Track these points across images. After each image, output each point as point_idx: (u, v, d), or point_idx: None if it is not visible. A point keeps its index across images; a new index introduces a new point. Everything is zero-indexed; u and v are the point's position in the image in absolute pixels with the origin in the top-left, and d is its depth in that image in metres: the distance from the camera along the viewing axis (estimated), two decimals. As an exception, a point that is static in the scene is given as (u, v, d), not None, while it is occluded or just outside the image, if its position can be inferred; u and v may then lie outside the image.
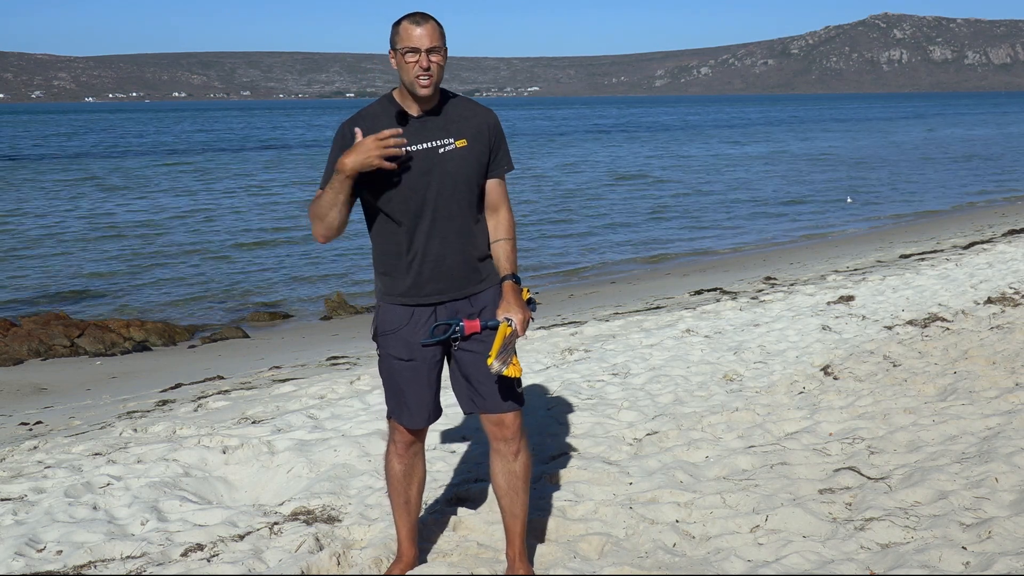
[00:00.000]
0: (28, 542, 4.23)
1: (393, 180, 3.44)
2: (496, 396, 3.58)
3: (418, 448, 3.79)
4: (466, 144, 3.50)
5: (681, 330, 8.64)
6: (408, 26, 3.39)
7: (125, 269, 18.01)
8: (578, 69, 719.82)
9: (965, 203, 25.89)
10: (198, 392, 8.02)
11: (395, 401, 3.67)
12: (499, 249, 3.60)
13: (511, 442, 3.64)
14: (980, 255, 12.86)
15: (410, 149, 3.43)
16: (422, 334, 3.55)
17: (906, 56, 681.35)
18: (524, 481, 3.71)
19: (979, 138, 59.62)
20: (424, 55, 3.36)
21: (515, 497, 3.71)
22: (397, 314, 3.58)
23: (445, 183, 3.47)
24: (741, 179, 34.63)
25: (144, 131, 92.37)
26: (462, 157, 3.49)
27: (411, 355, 3.58)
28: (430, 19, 3.41)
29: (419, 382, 3.61)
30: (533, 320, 3.75)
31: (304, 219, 24.77)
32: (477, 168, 3.53)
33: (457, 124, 3.51)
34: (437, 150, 3.46)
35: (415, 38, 3.37)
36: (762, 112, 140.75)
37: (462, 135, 3.50)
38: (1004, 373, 6.52)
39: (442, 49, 3.41)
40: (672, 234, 21.52)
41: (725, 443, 5.40)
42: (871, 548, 3.91)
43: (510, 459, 3.66)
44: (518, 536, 3.77)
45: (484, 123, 3.56)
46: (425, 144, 3.45)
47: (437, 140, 3.47)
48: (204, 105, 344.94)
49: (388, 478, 3.82)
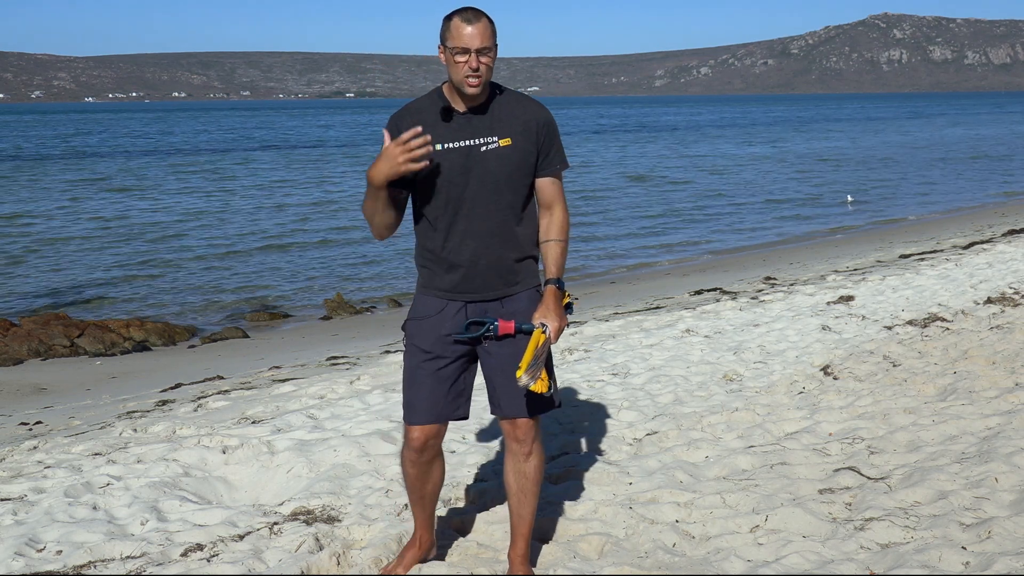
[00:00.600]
0: (28, 542, 4.23)
1: (432, 177, 3.42)
2: (513, 402, 3.55)
3: (431, 455, 3.69)
4: (511, 143, 3.44)
5: (681, 330, 8.64)
6: (459, 24, 3.31)
7: (126, 269, 18.01)
8: (578, 69, 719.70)
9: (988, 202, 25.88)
10: (198, 392, 8.02)
11: (407, 396, 3.63)
12: (548, 250, 3.55)
13: (523, 443, 3.61)
14: (980, 255, 12.86)
15: (451, 146, 3.40)
16: (450, 327, 3.52)
17: (906, 56, 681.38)
18: (534, 483, 3.68)
19: (989, 137, 59.58)
20: (474, 55, 3.30)
21: (523, 498, 3.69)
22: (430, 304, 3.56)
23: (485, 182, 3.42)
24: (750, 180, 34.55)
25: (147, 131, 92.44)
26: (505, 156, 3.43)
27: (432, 348, 3.56)
28: (482, 17, 3.33)
29: (434, 377, 3.57)
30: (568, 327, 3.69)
31: (310, 220, 24.80)
32: (521, 167, 3.46)
33: (504, 122, 3.45)
34: (479, 147, 3.41)
35: (466, 37, 3.29)
36: (766, 111, 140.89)
37: (507, 133, 3.44)
38: (1004, 373, 6.52)
39: (493, 49, 3.34)
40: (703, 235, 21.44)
41: (725, 443, 5.40)
42: (871, 548, 3.91)
43: (521, 460, 3.64)
44: (522, 538, 3.75)
45: (533, 120, 3.48)
46: (467, 141, 3.41)
47: (480, 138, 3.42)
48: (207, 105, 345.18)
49: (403, 476, 3.79)
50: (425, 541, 3.89)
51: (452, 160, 3.41)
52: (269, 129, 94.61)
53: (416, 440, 3.64)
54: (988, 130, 69.91)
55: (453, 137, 3.41)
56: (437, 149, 3.40)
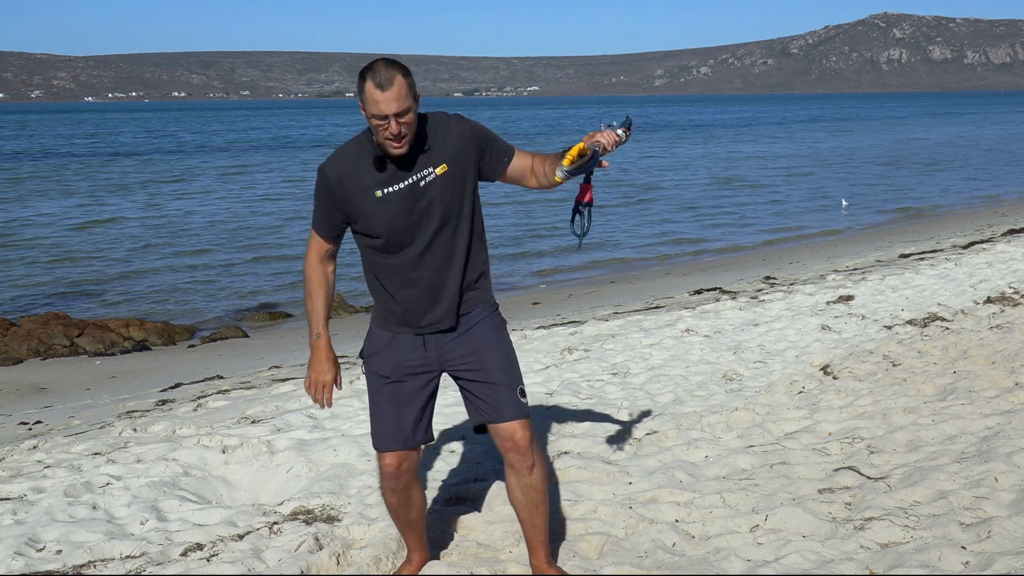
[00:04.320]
0: (28, 542, 4.23)
1: (377, 221, 3.40)
2: (501, 406, 3.53)
3: (407, 480, 3.66)
4: (447, 168, 3.41)
5: (681, 330, 8.64)
6: (372, 89, 3.20)
7: (126, 269, 18.01)
8: (577, 69, 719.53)
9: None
10: (198, 392, 8.02)
11: (373, 424, 3.62)
12: (544, 159, 3.51)
13: (525, 456, 3.56)
14: (980, 255, 12.85)
15: (391, 190, 3.38)
16: (405, 355, 3.52)
17: (906, 56, 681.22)
18: (543, 493, 3.64)
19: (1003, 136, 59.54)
20: (393, 121, 3.23)
21: (535, 510, 3.65)
22: (382, 337, 3.57)
23: (432, 214, 3.40)
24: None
25: (149, 130, 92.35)
26: (444, 183, 3.40)
27: (392, 373, 3.55)
28: (395, 76, 3.21)
29: (396, 401, 3.56)
30: (625, 135, 3.41)
31: (308, 216, 24.78)
32: (464, 187, 3.45)
33: (435, 150, 3.40)
34: (418, 183, 3.39)
35: (381, 104, 3.20)
36: (781, 110, 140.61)
37: (441, 160, 3.40)
38: (1004, 373, 6.52)
39: (412, 108, 3.26)
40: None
41: (725, 443, 5.40)
42: (871, 548, 3.91)
43: (526, 474, 3.59)
44: (542, 546, 3.72)
45: (457, 137, 3.43)
46: (405, 182, 3.38)
47: (417, 173, 3.39)
48: (209, 104, 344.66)
49: (386, 506, 3.78)
50: (418, 560, 3.90)
51: (396, 204, 3.39)
52: (272, 129, 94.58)
53: (389, 467, 3.62)
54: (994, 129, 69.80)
55: (391, 180, 3.38)
56: (377, 196, 3.38)
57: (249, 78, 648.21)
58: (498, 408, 3.53)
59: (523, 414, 3.55)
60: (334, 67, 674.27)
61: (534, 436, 3.60)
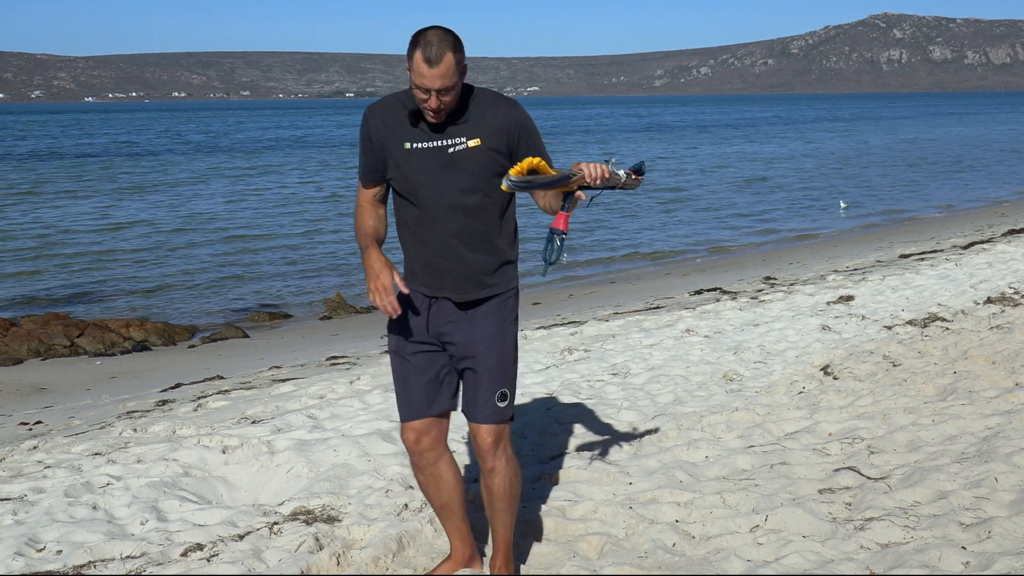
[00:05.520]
0: (28, 542, 4.23)
1: (403, 176, 3.41)
2: (475, 404, 3.52)
3: (432, 457, 3.62)
4: (479, 143, 3.37)
5: (681, 330, 8.64)
6: (420, 62, 3.20)
7: (125, 269, 18.01)
8: (578, 69, 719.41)
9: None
10: (198, 392, 8.02)
11: (397, 395, 3.64)
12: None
13: (486, 459, 3.56)
14: (980, 255, 12.86)
15: (420, 146, 3.38)
16: (409, 329, 3.52)
17: (906, 56, 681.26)
18: (501, 500, 3.61)
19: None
20: (435, 96, 3.24)
21: (495, 514, 3.66)
22: (403, 298, 3.52)
23: (452, 183, 3.37)
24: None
25: (151, 129, 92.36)
26: (472, 157, 3.36)
27: (397, 348, 3.58)
28: (445, 53, 3.20)
29: (404, 374, 3.57)
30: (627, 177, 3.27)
31: (310, 220, 24.79)
32: (491, 168, 3.38)
33: (474, 123, 3.37)
34: (447, 149, 3.36)
35: (427, 78, 3.21)
36: (785, 110, 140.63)
37: (476, 134, 3.37)
38: (1004, 373, 6.52)
39: (456, 85, 3.26)
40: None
41: (725, 443, 5.40)
42: (871, 548, 3.91)
43: (487, 476, 3.60)
44: (500, 548, 3.72)
45: (504, 120, 3.38)
46: (436, 142, 3.37)
47: (449, 139, 3.37)
48: (211, 105, 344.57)
49: (418, 485, 3.78)
50: (461, 553, 3.80)
51: (420, 160, 3.38)
52: (273, 128, 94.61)
53: (408, 440, 3.62)
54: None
55: (422, 137, 3.38)
56: (406, 148, 3.39)
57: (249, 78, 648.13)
58: (474, 407, 3.54)
59: (493, 419, 3.51)
60: (334, 67, 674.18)
61: (504, 442, 3.56)
